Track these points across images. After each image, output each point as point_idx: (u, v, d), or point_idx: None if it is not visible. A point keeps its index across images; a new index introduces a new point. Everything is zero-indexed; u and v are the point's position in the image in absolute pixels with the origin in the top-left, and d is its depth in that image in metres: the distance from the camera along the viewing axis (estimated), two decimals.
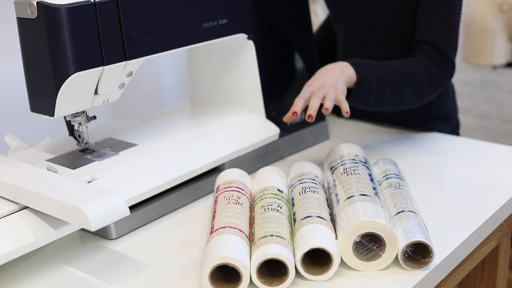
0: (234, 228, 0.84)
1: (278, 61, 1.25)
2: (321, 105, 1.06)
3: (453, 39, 1.21)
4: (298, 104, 1.06)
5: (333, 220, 0.89)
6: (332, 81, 1.07)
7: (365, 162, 1.01)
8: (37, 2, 0.88)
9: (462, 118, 2.57)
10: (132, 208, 0.97)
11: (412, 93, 1.16)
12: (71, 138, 1.06)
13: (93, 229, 0.79)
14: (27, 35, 0.91)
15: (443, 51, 1.20)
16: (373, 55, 1.33)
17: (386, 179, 0.99)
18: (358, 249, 0.84)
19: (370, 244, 0.84)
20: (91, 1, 0.90)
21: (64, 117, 1.01)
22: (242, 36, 1.17)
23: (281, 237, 0.82)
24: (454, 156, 1.24)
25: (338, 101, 1.06)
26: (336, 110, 1.50)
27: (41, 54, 0.90)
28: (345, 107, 1.05)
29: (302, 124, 1.28)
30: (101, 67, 0.94)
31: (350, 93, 1.11)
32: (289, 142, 1.26)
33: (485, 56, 2.40)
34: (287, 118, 1.07)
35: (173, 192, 1.04)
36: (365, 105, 1.13)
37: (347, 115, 1.05)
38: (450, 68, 1.21)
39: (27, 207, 0.88)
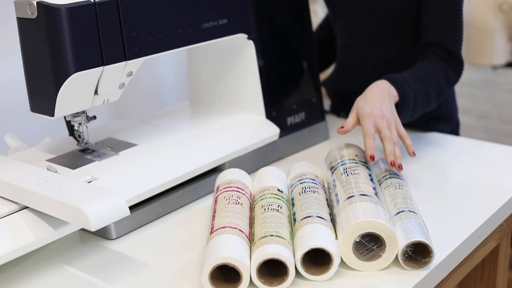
0: (234, 228, 0.84)
1: (278, 61, 1.25)
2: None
3: (459, 38, 1.23)
4: (371, 146, 1.03)
5: (333, 220, 0.89)
6: (389, 109, 1.07)
7: (365, 162, 1.01)
8: (37, 2, 0.87)
9: (462, 118, 2.57)
10: (132, 208, 0.97)
11: (435, 99, 1.19)
12: (71, 138, 1.06)
13: (93, 229, 0.79)
14: (27, 35, 0.91)
15: (452, 52, 1.22)
16: (373, 55, 1.33)
17: (386, 179, 0.99)
18: (358, 249, 0.84)
19: (370, 244, 0.84)
20: (91, 1, 0.90)
21: (64, 117, 1.01)
22: (242, 36, 1.17)
23: (281, 237, 0.82)
24: (454, 156, 1.24)
25: (401, 136, 1.06)
26: (336, 111, 1.50)
27: (41, 54, 0.90)
28: (410, 145, 1.06)
29: (302, 124, 1.28)
30: (101, 67, 0.94)
31: None
32: (289, 142, 1.26)
33: (485, 56, 2.40)
34: (342, 131, 1.06)
35: (173, 192, 1.04)
36: (402, 121, 1.14)
37: (414, 156, 1.07)
38: (460, 67, 1.24)
39: (27, 207, 0.88)
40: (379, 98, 1.07)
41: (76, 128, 1.04)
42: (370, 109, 1.06)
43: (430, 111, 1.34)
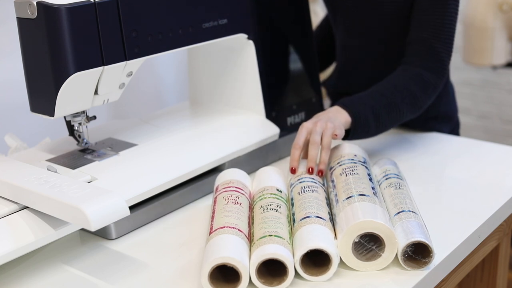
0: (233, 228, 0.84)
1: (278, 61, 1.25)
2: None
3: (446, 39, 1.19)
4: (294, 156, 1.03)
5: (332, 220, 0.89)
6: (327, 116, 1.07)
7: (364, 162, 1.01)
8: (37, 2, 0.88)
9: (462, 118, 2.57)
10: (132, 208, 0.97)
11: (409, 107, 1.17)
12: (71, 138, 1.06)
13: (93, 229, 0.79)
14: (27, 35, 0.91)
15: (435, 50, 1.19)
16: (373, 55, 1.33)
17: (386, 179, 0.99)
18: (357, 249, 0.84)
19: (369, 244, 0.84)
20: (91, 1, 0.90)
21: (64, 117, 1.01)
22: (242, 36, 1.17)
23: (280, 237, 0.82)
24: (454, 156, 1.24)
25: (324, 149, 1.04)
26: None
27: (41, 54, 0.90)
28: (323, 162, 1.03)
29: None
30: (101, 67, 0.94)
31: (349, 133, 1.12)
32: (289, 142, 1.26)
33: (485, 56, 2.40)
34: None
35: (173, 192, 1.04)
36: (366, 136, 1.14)
37: (321, 176, 1.03)
38: (441, 69, 1.20)
39: (27, 207, 0.88)
40: (319, 116, 1.09)
41: (76, 128, 1.04)
42: (306, 122, 1.07)
43: (430, 111, 1.34)
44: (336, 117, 1.09)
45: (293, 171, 1.02)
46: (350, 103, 1.12)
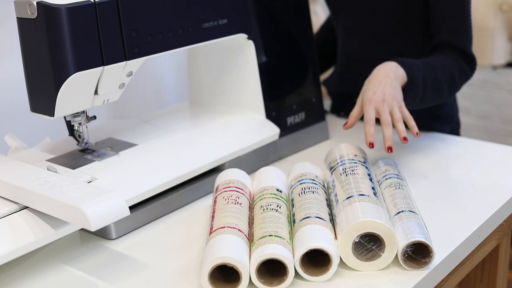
0: (233, 228, 0.84)
1: (278, 61, 1.25)
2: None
3: (469, 37, 1.24)
4: (371, 133, 1.04)
5: (332, 220, 0.89)
6: (391, 91, 1.06)
7: (364, 162, 1.01)
8: (37, 2, 0.88)
9: (462, 118, 2.57)
10: (132, 208, 0.97)
11: (448, 89, 1.19)
12: (71, 138, 1.06)
13: (93, 229, 0.79)
14: (27, 35, 0.91)
15: (464, 50, 1.23)
16: (373, 55, 1.33)
17: (386, 179, 0.99)
18: (357, 249, 0.84)
19: (369, 244, 0.84)
20: (91, 1, 0.90)
21: (64, 117, 1.01)
22: (242, 36, 1.17)
23: (280, 237, 0.82)
24: (454, 156, 1.24)
25: (404, 117, 1.06)
26: (336, 111, 1.50)
27: (41, 54, 0.90)
28: (415, 126, 1.06)
29: (302, 124, 1.28)
30: (101, 67, 0.94)
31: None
32: (289, 142, 1.26)
33: (485, 56, 2.40)
34: (347, 127, 1.08)
35: (173, 192, 1.04)
36: (410, 104, 1.14)
37: (418, 136, 1.06)
38: (473, 63, 1.25)
39: (27, 207, 0.88)
40: (382, 81, 1.07)
41: (76, 128, 1.04)
42: (372, 94, 1.06)
43: (431, 111, 1.34)
44: (397, 82, 1.07)
45: (371, 145, 1.03)
46: (408, 64, 1.12)
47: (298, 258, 0.80)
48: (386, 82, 1.07)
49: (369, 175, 0.96)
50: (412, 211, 0.89)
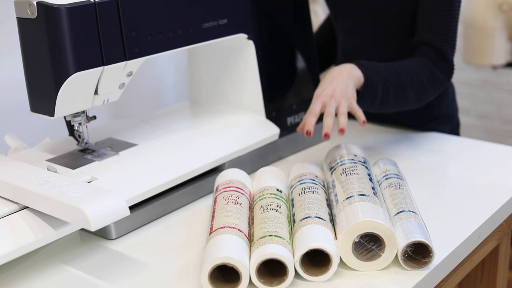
0: (233, 228, 0.84)
1: (278, 61, 1.25)
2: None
3: (451, 39, 1.21)
4: (310, 122, 1.04)
5: (332, 220, 0.89)
6: (342, 88, 1.06)
7: (364, 162, 1.01)
8: (37, 2, 0.88)
9: (462, 118, 2.57)
10: (132, 208, 0.97)
11: (415, 95, 1.17)
12: (71, 138, 1.06)
13: (93, 229, 0.79)
14: (27, 35, 0.91)
15: (442, 52, 1.20)
16: (373, 55, 1.33)
17: (386, 179, 0.99)
18: (357, 249, 0.84)
19: (369, 244, 0.84)
20: (91, 1, 0.90)
21: (64, 117, 1.01)
22: (242, 36, 1.17)
23: (280, 237, 0.82)
24: (454, 156, 1.24)
25: (352, 110, 1.06)
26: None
27: (41, 54, 0.90)
28: (361, 116, 1.06)
29: None
30: (101, 67, 0.94)
31: (357, 95, 1.11)
32: (289, 142, 1.26)
33: (485, 56, 2.40)
34: (299, 130, 1.08)
35: (173, 192, 1.04)
36: (370, 107, 1.13)
37: (364, 125, 1.05)
38: (449, 69, 1.22)
39: (27, 207, 0.88)
40: (334, 78, 1.08)
41: (76, 128, 1.04)
42: (322, 90, 1.07)
43: (430, 111, 1.34)
44: (351, 81, 1.07)
45: (308, 133, 1.03)
46: (367, 66, 1.12)
47: (298, 258, 0.80)
48: (338, 80, 1.07)
49: (369, 175, 0.96)
50: (412, 211, 0.89)
